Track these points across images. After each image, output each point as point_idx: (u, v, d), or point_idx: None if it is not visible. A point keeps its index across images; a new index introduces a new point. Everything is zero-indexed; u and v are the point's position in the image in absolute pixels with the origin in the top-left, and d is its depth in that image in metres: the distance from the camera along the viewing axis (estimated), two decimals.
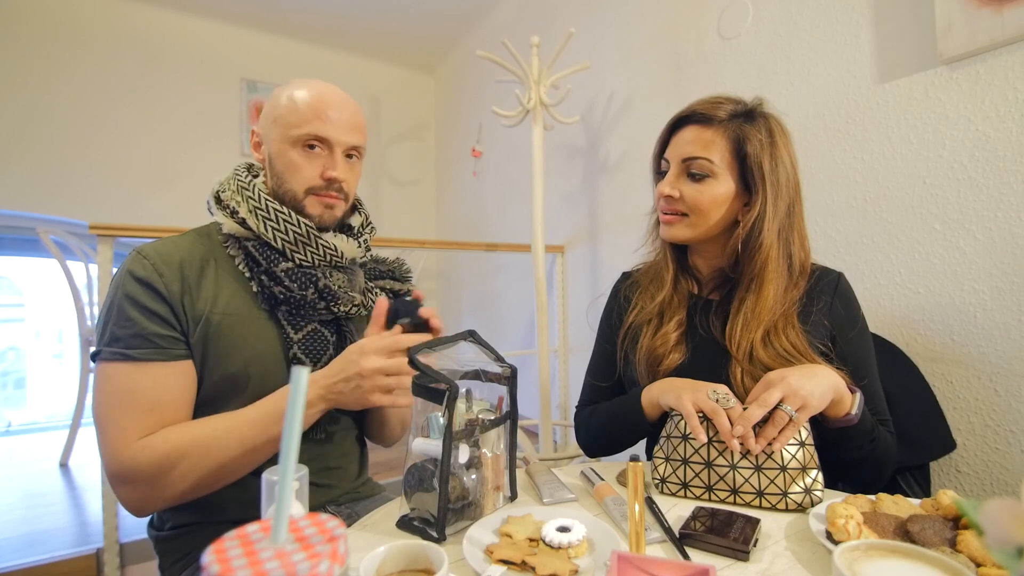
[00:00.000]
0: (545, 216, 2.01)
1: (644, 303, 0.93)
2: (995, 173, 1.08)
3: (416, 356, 0.65)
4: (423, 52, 3.56)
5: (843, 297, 0.85)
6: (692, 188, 0.84)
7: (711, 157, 0.82)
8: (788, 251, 0.84)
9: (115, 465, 0.70)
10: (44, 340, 3.81)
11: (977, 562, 0.49)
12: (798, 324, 0.81)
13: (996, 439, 1.07)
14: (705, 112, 0.84)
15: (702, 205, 0.84)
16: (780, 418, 0.68)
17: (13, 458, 2.54)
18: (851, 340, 0.83)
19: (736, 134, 0.82)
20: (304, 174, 0.82)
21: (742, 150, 0.82)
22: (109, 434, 0.71)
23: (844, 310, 0.84)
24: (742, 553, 0.56)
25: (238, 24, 3.13)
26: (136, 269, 0.74)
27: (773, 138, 0.83)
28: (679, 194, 0.85)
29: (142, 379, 0.72)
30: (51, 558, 1.50)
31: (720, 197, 0.83)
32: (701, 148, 0.83)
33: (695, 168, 0.84)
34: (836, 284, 0.85)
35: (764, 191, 0.81)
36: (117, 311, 0.73)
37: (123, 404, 0.71)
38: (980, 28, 1.06)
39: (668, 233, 0.89)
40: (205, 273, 0.78)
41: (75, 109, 2.69)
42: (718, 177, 0.83)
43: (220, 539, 0.31)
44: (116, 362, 0.72)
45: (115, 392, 0.71)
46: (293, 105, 0.81)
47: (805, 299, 0.84)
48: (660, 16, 1.93)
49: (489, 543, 0.57)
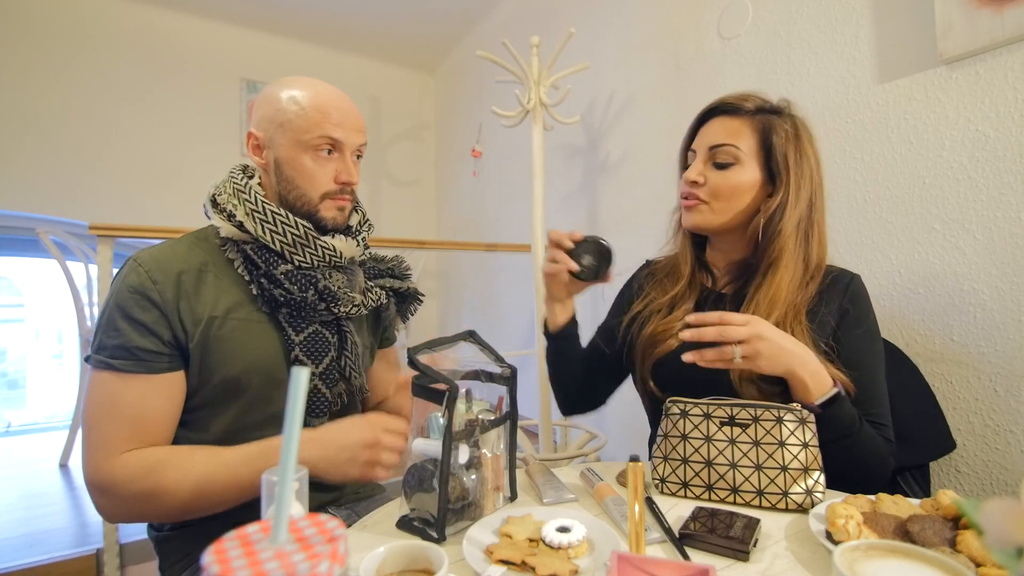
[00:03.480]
0: (545, 216, 2.01)
1: (656, 295, 0.95)
2: (995, 173, 1.08)
3: (416, 356, 0.65)
4: (423, 52, 3.56)
5: (854, 297, 0.84)
6: (717, 175, 0.86)
7: (738, 144, 0.85)
8: (806, 244, 0.85)
9: (95, 475, 0.71)
10: (44, 340, 3.81)
11: (977, 562, 0.49)
12: (805, 322, 0.81)
13: (996, 439, 1.07)
14: (733, 103, 0.87)
15: (725, 191, 0.85)
16: (727, 351, 0.70)
17: (13, 458, 2.54)
18: (855, 338, 0.82)
19: (763, 124, 0.85)
20: (319, 180, 0.82)
21: (768, 140, 0.85)
22: (92, 441, 0.72)
23: (853, 309, 0.83)
24: (742, 553, 0.56)
25: (238, 24, 3.13)
26: (130, 278, 0.74)
27: (798, 132, 0.86)
28: (704, 180, 0.87)
29: (126, 392, 0.72)
30: (51, 558, 1.50)
31: (744, 184, 0.85)
32: (727, 136, 0.86)
33: (721, 155, 0.86)
34: (848, 284, 0.85)
35: (787, 181, 0.83)
36: (107, 320, 0.74)
37: (107, 414, 0.72)
38: (980, 28, 1.06)
39: (690, 219, 0.89)
40: (204, 278, 0.78)
41: (75, 109, 2.69)
42: (743, 165, 0.85)
43: (220, 539, 0.31)
44: (102, 371, 0.72)
45: (100, 402, 0.72)
46: (300, 109, 0.80)
47: (816, 298, 0.84)
48: (660, 16, 1.93)
49: (489, 543, 0.57)
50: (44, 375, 3.72)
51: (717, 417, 0.72)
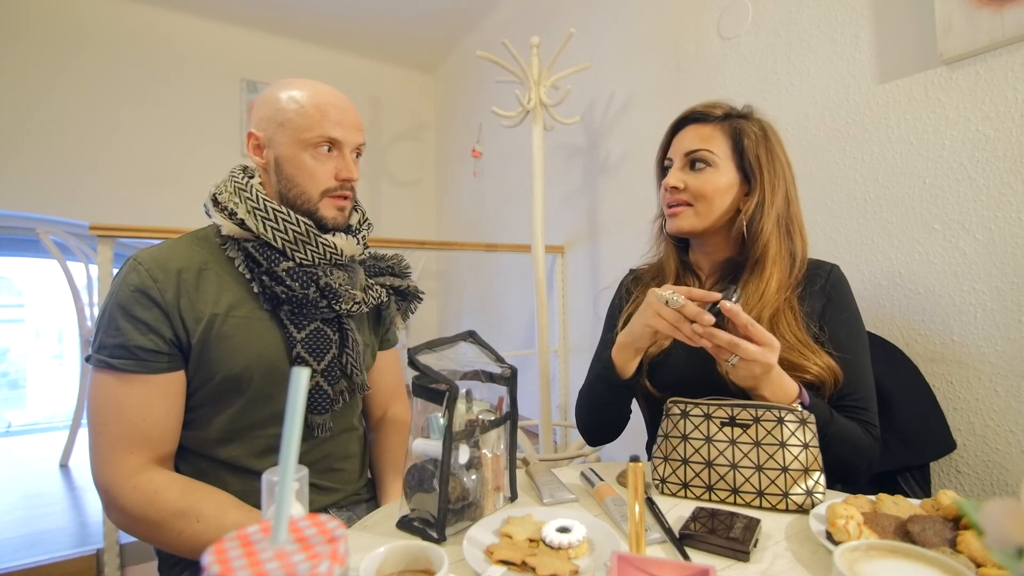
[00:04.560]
0: (545, 216, 2.01)
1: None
2: (995, 173, 1.07)
3: (416, 356, 0.65)
4: (423, 52, 3.56)
5: (835, 284, 0.88)
6: (696, 178, 0.89)
7: (711, 148, 0.88)
8: (789, 239, 0.88)
9: (101, 479, 0.73)
10: (44, 341, 3.81)
11: (977, 562, 0.49)
12: (796, 306, 0.84)
13: (996, 439, 1.07)
14: (703, 111, 0.92)
15: (706, 192, 0.88)
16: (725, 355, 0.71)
17: (13, 459, 2.54)
18: (840, 323, 0.85)
19: (733, 128, 0.89)
20: (319, 177, 0.83)
21: (740, 143, 0.89)
22: (98, 446, 0.73)
23: (835, 295, 0.87)
24: (742, 553, 0.56)
25: (238, 24, 3.12)
26: (131, 277, 0.75)
27: (767, 134, 0.90)
28: (684, 185, 0.89)
29: (127, 395, 0.73)
30: (51, 559, 1.50)
31: (723, 185, 0.88)
32: (701, 141, 0.89)
33: (697, 159, 0.89)
34: (829, 273, 0.89)
35: (762, 179, 0.87)
36: (108, 319, 0.74)
37: (111, 417, 0.73)
38: (980, 28, 1.06)
39: (675, 224, 0.91)
40: (205, 276, 0.78)
41: (75, 109, 2.68)
42: (719, 167, 0.88)
43: (220, 539, 0.31)
44: (103, 371, 0.73)
45: (103, 403, 0.73)
46: (300, 108, 0.81)
47: (801, 288, 0.87)
48: (660, 16, 1.93)
49: (489, 544, 0.57)
50: (44, 375, 3.72)
51: (718, 418, 0.72)
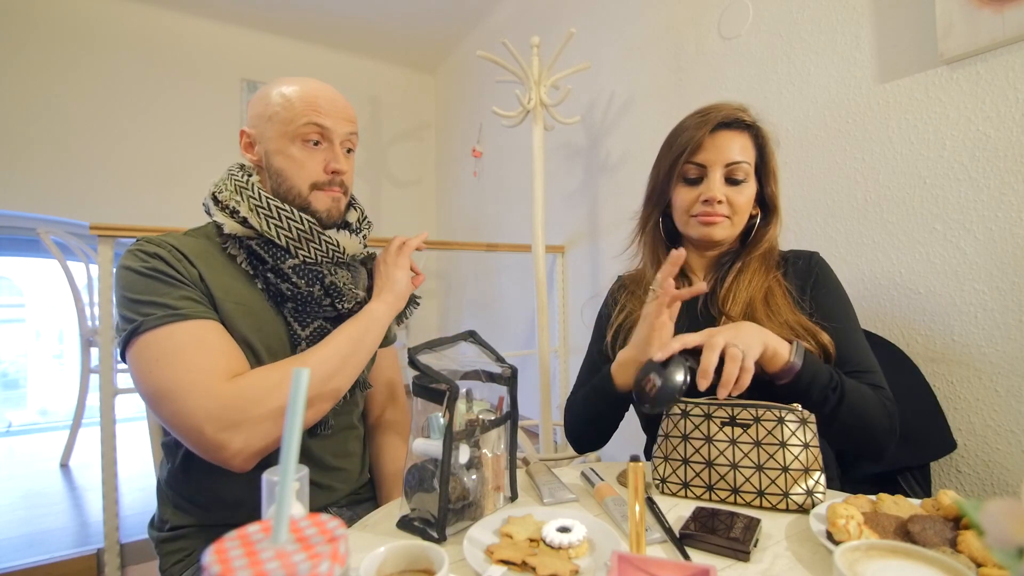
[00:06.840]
0: (545, 216, 2.01)
1: (634, 307, 0.95)
2: (995, 173, 1.07)
3: (416, 356, 0.65)
4: (423, 52, 3.56)
5: (818, 264, 0.91)
6: (735, 192, 0.88)
7: (749, 160, 0.88)
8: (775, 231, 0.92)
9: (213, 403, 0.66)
10: (44, 340, 3.81)
11: (978, 562, 0.49)
12: (784, 282, 0.87)
13: (996, 439, 1.07)
14: (740, 118, 0.89)
15: (743, 206, 0.89)
16: (734, 354, 0.67)
17: (14, 458, 2.54)
18: (826, 295, 0.87)
19: (758, 138, 0.90)
20: (308, 169, 0.82)
21: (762, 153, 0.90)
22: (194, 379, 0.66)
23: (820, 273, 0.89)
24: (743, 553, 0.56)
25: (238, 24, 3.13)
26: (145, 247, 0.74)
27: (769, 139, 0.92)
28: (723, 198, 0.87)
29: (205, 332, 0.70)
30: (52, 558, 1.50)
31: (752, 196, 0.90)
32: (742, 153, 0.88)
33: (739, 172, 0.88)
34: (811, 257, 0.91)
35: (775, 189, 0.91)
36: (130, 295, 0.71)
37: (198, 351, 0.68)
38: (981, 28, 1.06)
39: (709, 233, 0.89)
40: (212, 264, 0.78)
41: (76, 110, 2.69)
42: (750, 179, 0.89)
43: (220, 539, 0.31)
44: (169, 324, 0.68)
45: (181, 348, 0.68)
46: (287, 101, 0.81)
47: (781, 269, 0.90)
48: (660, 16, 1.93)
49: (489, 543, 0.57)
50: (44, 375, 3.72)
51: (718, 417, 0.72)
